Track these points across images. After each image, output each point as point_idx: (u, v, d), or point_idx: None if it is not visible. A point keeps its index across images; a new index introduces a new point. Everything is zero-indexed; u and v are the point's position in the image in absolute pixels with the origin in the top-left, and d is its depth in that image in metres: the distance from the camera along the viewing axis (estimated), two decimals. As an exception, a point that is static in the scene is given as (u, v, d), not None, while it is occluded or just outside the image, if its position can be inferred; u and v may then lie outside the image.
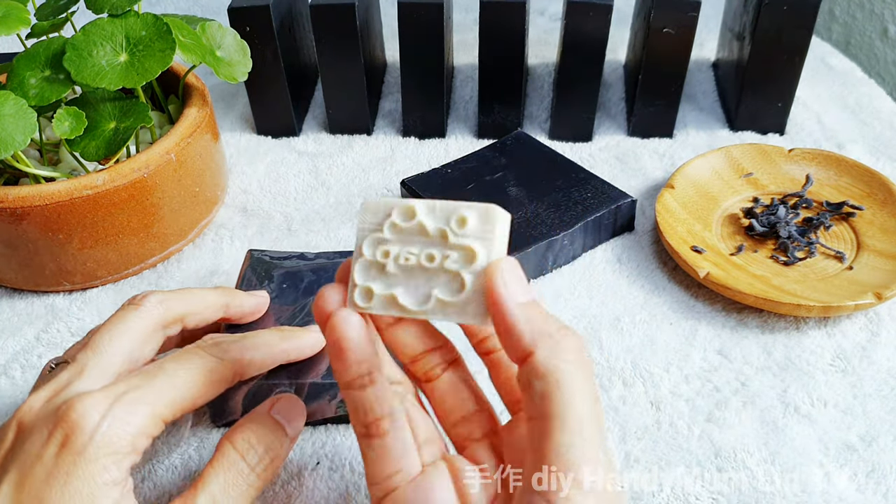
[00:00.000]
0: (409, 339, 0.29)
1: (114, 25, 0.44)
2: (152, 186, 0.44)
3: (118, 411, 0.28)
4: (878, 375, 0.40)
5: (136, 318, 0.33)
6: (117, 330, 0.32)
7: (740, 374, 0.41)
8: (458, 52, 0.68)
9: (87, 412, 0.28)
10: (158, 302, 0.34)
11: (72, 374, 0.30)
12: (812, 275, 0.45)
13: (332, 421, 0.38)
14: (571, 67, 0.55)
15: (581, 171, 0.51)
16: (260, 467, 0.31)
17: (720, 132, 0.60)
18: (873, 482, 0.35)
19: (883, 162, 0.57)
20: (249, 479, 0.31)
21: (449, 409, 0.30)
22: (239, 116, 0.63)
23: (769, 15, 0.53)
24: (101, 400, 0.29)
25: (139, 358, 0.33)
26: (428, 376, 0.30)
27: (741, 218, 0.50)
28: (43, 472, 0.27)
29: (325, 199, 0.54)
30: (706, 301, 0.45)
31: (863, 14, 1.07)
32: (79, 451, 0.28)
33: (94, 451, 0.28)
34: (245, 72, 0.49)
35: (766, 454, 0.37)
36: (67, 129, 0.42)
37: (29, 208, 0.41)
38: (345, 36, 0.55)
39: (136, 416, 0.29)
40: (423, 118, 0.59)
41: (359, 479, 0.36)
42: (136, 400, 0.29)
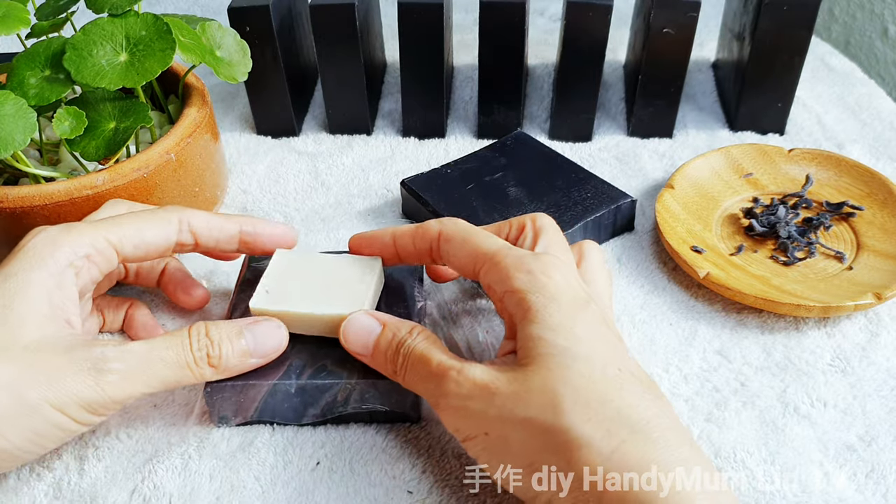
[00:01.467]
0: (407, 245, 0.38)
1: (114, 25, 0.44)
2: (152, 186, 0.44)
3: (58, 228, 0.35)
4: (878, 376, 0.41)
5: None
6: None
7: (740, 375, 0.41)
8: (458, 52, 0.68)
9: (39, 229, 0.36)
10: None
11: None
12: (812, 275, 0.45)
13: (332, 421, 0.38)
14: (571, 67, 0.55)
15: (581, 171, 0.51)
16: (199, 353, 0.34)
17: (720, 132, 0.60)
18: (873, 482, 0.35)
19: (883, 162, 0.57)
20: (187, 357, 0.34)
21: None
22: (239, 116, 0.63)
23: (769, 15, 0.53)
24: (53, 227, 0.36)
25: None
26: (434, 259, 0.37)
27: (741, 218, 0.50)
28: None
29: (325, 199, 0.54)
30: (706, 301, 0.45)
31: (863, 14, 1.07)
32: (18, 250, 0.35)
33: (30, 247, 0.34)
34: (245, 72, 0.49)
35: (765, 454, 0.37)
36: (67, 129, 0.42)
37: (29, 208, 0.41)
38: (345, 36, 0.55)
39: (76, 228, 0.35)
40: (423, 118, 0.59)
41: (358, 479, 0.36)
42: (80, 224, 0.36)
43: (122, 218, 0.37)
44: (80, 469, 0.36)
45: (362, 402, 0.37)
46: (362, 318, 0.36)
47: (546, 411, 0.29)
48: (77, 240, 0.35)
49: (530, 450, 0.30)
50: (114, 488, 0.36)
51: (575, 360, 0.30)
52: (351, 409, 0.37)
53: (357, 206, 0.54)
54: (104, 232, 0.36)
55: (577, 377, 0.30)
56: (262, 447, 0.37)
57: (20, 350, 0.32)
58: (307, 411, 0.37)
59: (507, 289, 0.33)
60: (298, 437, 0.38)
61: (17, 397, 0.31)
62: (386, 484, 0.35)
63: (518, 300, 0.32)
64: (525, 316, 0.32)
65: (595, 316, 0.32)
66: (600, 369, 0.30)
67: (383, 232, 0.39)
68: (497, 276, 0.33)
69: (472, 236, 0.35)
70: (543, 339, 0.31)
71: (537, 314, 0.31)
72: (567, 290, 0.32)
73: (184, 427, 0.38)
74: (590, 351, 0.30)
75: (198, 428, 0.38)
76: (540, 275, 0.32)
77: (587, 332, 0.31)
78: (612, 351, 0.31)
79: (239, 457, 0.37)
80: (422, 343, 0.34)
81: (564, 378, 0.30)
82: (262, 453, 0.37)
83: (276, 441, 0.37)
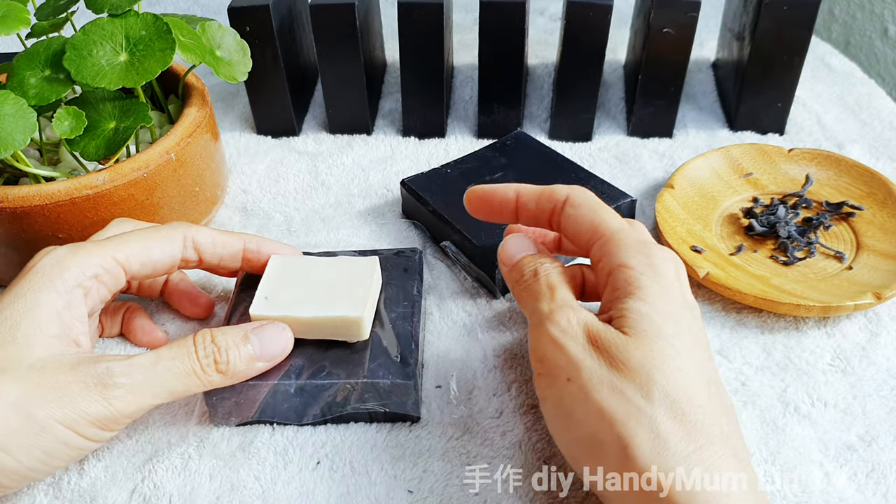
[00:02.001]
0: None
1: (114, 25, 0.44)
2: (152, 186, 0.44)
3: (68, 249, 0.36)
4: (878, 375, 0.41)
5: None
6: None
7: (740, 374, 0.41)
8: (458, 52, 0.68)
9: (46, 251, 0.36)
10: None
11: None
12: (812, 275, 0.45)
13: (332, 421, 0.38)
14: (571, 67, 0.55)
15: (581, 171, 0.51)
16: (206, 361, 0.34)
17: (720, 132, 0.60)
18: (873, 482, 0.35)
19: (883, 162, 0.57)
20: (193, 365, 0.34)
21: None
22: (239, 116, 0.63)
23: (769, 15, 0.53)
24: (60, 247, 0.36)
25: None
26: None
27: (741, 218, 0.50)
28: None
29: (325, 198, 0.54)
30: (706, 301, 0.45)
31: (863, 14, 1.07)
32: (27, 271, 0.35)
33: (39, 268, 0.35)
34: (245, 72, 0.49)
35: (765, 454, 0.37)
36: (67, 129, 0.42)
37: (29, 208, 0.41)
38: (345, 36, 0.55)
39: (84, 248, 0.36)
40: (423, 118, 0.59)
41: (359, 478, 0.36)
42: (88, 244, 0.37)
43: (129, 236, 0.38)
44: (80, 469, 0.36)
45: (362, 402, 0.36)
46: (524, 238, 0.37)
47: (638, 391, 0.29)
48: (85, 260, 0.35)
49: (590, 424, 0.30)
50: (114, 488, 0.36)
51: (674, 350, 0.30)
52: (351, 409, 0.37)
53: (357, 206, 0.54)
54: (111, 251, 0.36)
55: (673, 369, 0.30)
56: (262, 447, 0.37)
57: (27, 369, 0.32)
58: (307, 411, 0.37)
59: (621, 263, 0.33)
60: (298, 437, 0.38)
61: (25, 416, 0.31)
62: (386, 483, 0.35)
63: (630, 276, 0.32)
64: (635, 293, 0.32)
65: (696, 322, 0.32)
66: (692, 371, 0.30)
67: (506, 187, 0.38)
68: (615, 250, 0.33)
69: (599, 208, 0.36)
70: (650, 319, 0.31)
71: (648, 294, 0.32)
72: (677, 288, 0.33)
73: (184, 427, 0.38)
74: (690, 350, 0.31)
75: (198, 428, 0.38)
76: (659, 263, 0.33)
77: (691, 329, 0.32)
78: (707, 360, 0.32)
79: (239, 456, 0.37)
80: (556, 274, 0.35)
81: (662, 366, 0.30)
82: (262, 453, 0.37)
83: (276, 441, 0.37)
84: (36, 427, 0.31)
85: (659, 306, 0.31)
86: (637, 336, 0.31)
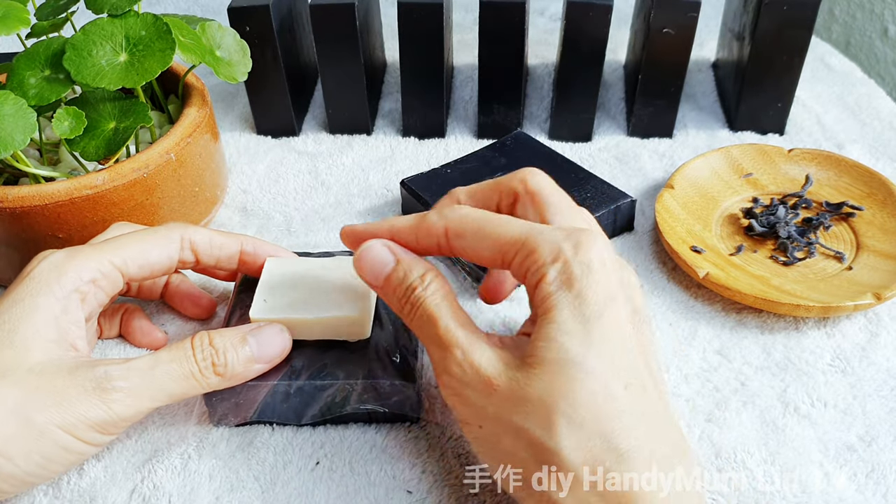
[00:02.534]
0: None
1: (113, 25, 0.44)
2: (152, 186, 0.44)
3: (64, 253, 0.36)
4: (878, 376, 0.40)
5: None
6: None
7: (740, 375, 0.41)
8: (458, 52, 0.68)
9: (43, 255, 0.36)
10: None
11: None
12: (811, 275, 0.45)
13: (331, 421, 0.38)
14: (571, 67, 0.55)
15: (581, 171, 0.51)
16: (204, 363, 0.34)
17: (720, 132, 0.60)
18: (873, 482, 0.35)
19: (883, 162, 0.57)
20: (192, 367, 0.34)
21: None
22: (239, 116, 0.63)
23: (769, 15, 0.53)
24: (58, 251, 0.36)
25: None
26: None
27: (741, 218, 0.50)
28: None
29: (325, 198, 0.54)
30: (705, 301, 0.45)
31: (863, 14, 1.07)
32: (24, 276, 0.35)
33: (37, 273, 0.35)
34: (245, 72, 0.49)
35: (765, 454, 0.37)
36: (67, 129, 0.42)
37: (29, 208, 0.41)
38: (345, 36, 0.55)
39: (81, 252, 0.36)
40: (423, 118, 0.59)
41: (358, 479, 0.36)
42: (85, 247, 0.36)
43: (125, 239, 0.37)
44: (80, 469, 0.36)
45: (361, 402, 0.36)
46: (377, 248, 0.34)
47: (540, 427, 0.28)
48: (82, 265, 0.35)
49: (520, 456, 0.29)
50: (113, 488, 0.36)
51: (581, 372, 0.29)
52: (350, 410, 0.37)
53: (357, 206, 0.54)
54: (108, 255, 0.36)
55: (578, 393, 0.28)
56: (261, 447, 0.37)
57: (25, 373, 0.32)
58: (306, 412, 0.37)
59: (538, 280, 0.30)
60: (298, 437, 0.38)
61: (24, 421, 0.31)
62: (386, 484, 0.35)
63: (543, 296, 0.30)
64: (546, 314, 0.30)
65: (620, 313, 0.30)
66: (604, 386, 0.29)
67: (378, 226, 0.35)
68: (531, 265, 0.31)
69: (486, 226, 0.32)
70: (556, 343, 0.29)
71: (559, 314, 0.30)
72: (600, 279, 0.30)
73: (183, 427, 0.38)
74: (600, 362, 0.29)
75: (197, 428, 0.38)
76: (574, 264, 0.30)
77: (605, 335, 0.29)
78: (626, 360, 0.30)
79: (238, 457, 0.37)
80: (433, 297, 0.32)
81: (565, 392, 0.28)
82: (262, 453, 0.37)
83: (276, 441, 0.37)
84: (35, 431, 0.31)
85: (569, 325, 0.29)
86: (540, 366, 0.29)
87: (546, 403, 0.28)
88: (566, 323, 0.29)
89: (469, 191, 0.37)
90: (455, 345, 0.31)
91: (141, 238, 0.38)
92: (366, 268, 0.34)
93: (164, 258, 0.38)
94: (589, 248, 0.30)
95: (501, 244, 0.32)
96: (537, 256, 0.31)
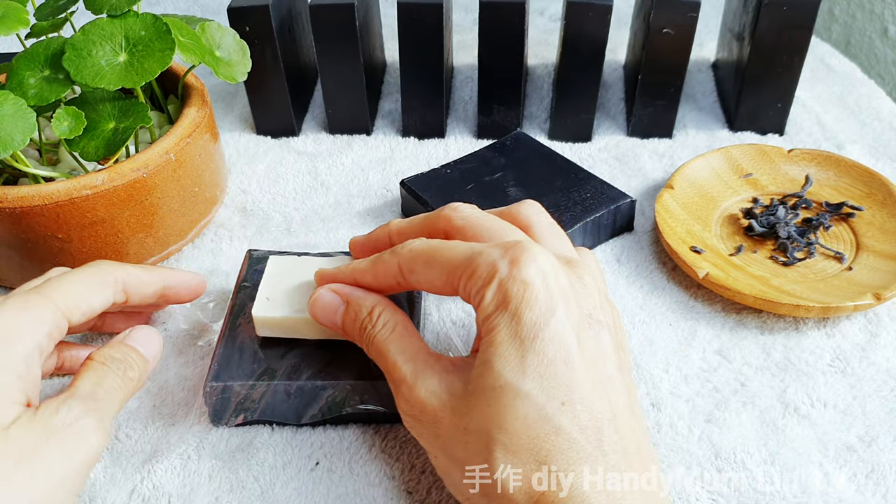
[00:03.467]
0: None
1: (113, 25, 0.44)
2: (152, 186, 0.44)
3: (15, 306, 0.33)
4: (878, 376, 0.40)
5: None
6: None
7: (740, 375, 0.41)
8: (458, 52, 0.68)
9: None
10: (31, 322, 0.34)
11: None
12: (811, 275, 0.45)
13: (330, 422, 0.38)
14: (571, 67, 0.55)
15: (580, 172, 0.51)
16: (119, 371, 0.34)
17: (720, 132, 0.60)
18: (872, 483, 0.35)
19: (883, 162, 0.56)
20: (115, 378, 0.34)
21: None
22: (238, 116, 0.63)
23: (769, 15, 0.53)
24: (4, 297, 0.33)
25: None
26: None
27: (740, 218, 0.50)
28: None
29: (325, 199, 0.54)
30: (705, 301, 0.45)
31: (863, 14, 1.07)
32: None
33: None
34: (245, 72, 0.49)
35: (765, 455, 0.37)
36: (67, 129, 0.42)
37: (28, 208, 0.41)
38: (344, 36, 0.55)
39: (33, 305, 0.33)
40: (423, 118, 0.59)
41: (358, 479, 0.36)
42: (32, 298, 0.34)
43: (66, 284, 0.35)
44: (80, 469, 0.36)
45: (361, 402, 0.36)
46: (326, 296, 0.35)
47: (481, 459, 0.29)
48: (39, 318, 0.33)
49: (470, 491, 0.29)
50: (113, 488, 0.36)
51: (515, 398, 0.28)
52: (350, 410, 0.37)
53: (357, 206, 0.54)
54: (60, 304, 0.34)
55: (513, 420, 0.28)
56: (261, 447, 0.37)
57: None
58: (306, 412, 0.37)
59: (478, 302, 0.30)
60: (297, 438, 0.38)
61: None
62: (385, 484, 0.35)
63: (483, 318, 0.30)
64: (486, 336, 0.30)
65: (561, 326, 0.29)
66: (539, 408, 0.28)
67: (343, 271, 0.36)
68: (472, 288, 0.30)
69: (434, 254, 0.32)
70: (493, 369, 0.29)
71: (496, 336, 0.29)
72: (537, 295, 0.29)
73: (183, 427, 0.38)
74: (534, 384, 0.28)
75: (197, 428, 0.38)
76: (509, 282, 0.29)
77: (542, 355, 0.29)
78: (566, 376, 0.29)
79: (238, 457, 0.37)
80: (381, 332, 0.33)
81: (500, 421, 0.28)
82: (262, 453, 0.37)
83: (276, 441, 0.37)
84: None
85: (505, 348, 0.29)
86: (477, 395, 0.29)
87: (484, 434, 0.28)
88: (502, 346, 0.29)
89: (399, 227, 0.37)
90: (402, 381, 0.31)
91: (79, 281, 0.36)
92: (320, 316, 0.35)
93: (103, 303, 0.36)
94: (525, 264, 0.30)
95: (448, 271, 0.31)
96: (476, 278, 0.30)
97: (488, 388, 0.29)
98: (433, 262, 0.32)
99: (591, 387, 0.29)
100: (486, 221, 0.34)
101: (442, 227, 0.35)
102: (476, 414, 0.29)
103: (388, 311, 0.34)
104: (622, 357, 0.32)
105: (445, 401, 0.30)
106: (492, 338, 0.29)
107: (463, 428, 0.29)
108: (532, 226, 0.35)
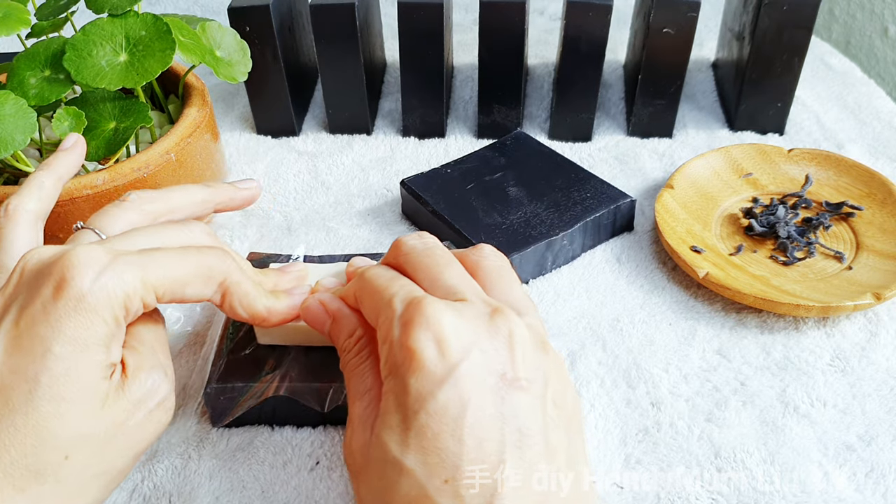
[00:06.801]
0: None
1: (114, 25, 0.44)
2: (152, 186, 0.44)
3: (116, 267, 0.29)
4: (877, 375, 0.41)
5: (128, 213, 0.37)
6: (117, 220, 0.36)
7: (739, 374, 0.41)
8: (458, 52, 0.68)
9: (87, 262, 0.28)
10: (147, 201, 0.38)
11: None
12: (811, 275, 0.45)
13: (330, 422, 0.38)
14: (571, 67, 0.55)
15: (580, 171, 0.51)
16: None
17: (720, 132, 0.60)
18: (872, 482, 0.35)
19: (882, 162, 0.57)
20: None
21: None
22: (239, 116, 0.63)
23: (769, 15, 0.53)
24: (102, 254, 0.29)
25: None
26: None
27: (740, 218, 0.50)
28: (41, 311, 0.28)
29: (325, 198, 0.54)
30: (705, 301, 0.45)
31: (863, 14, 1.07)
32: (75, 297, 0.28)
33: (91, 301, 0.28)
34: (245, 72, 0.49)
35: (765, 454, 0.37)
36: (67, 129, 0.42)
37: (29, 208, 0.41)
38: (345, 36, 0.55)
39: (130, 276, 0.29)
40: (423, 118, 0.59)
41: (358, 478, 0.36)
42: (133, 262, 0.29)
43: (166, 260, 0.31)
44: (80, 469, 0.36)
45: (362, 401, 0.37)
46: (314, 308, 0.34)
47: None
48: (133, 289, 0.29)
49: None
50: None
51: (398, 473, 0.27)
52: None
53: (357, 206, 0.54)
54: (160, 292, 0.30)
55: (398, 497, 0.27)
56: (261, 447, 0.37)
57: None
58: (306, 412, 0.37)
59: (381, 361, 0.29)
60: (297, 437, 0.38)
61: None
62: (385, 484, 0.35)
63: (382, 380, 0.29)
64: (381, 403, 0.29)
65: (448, 397, 0.27)
66: (419, 487, 0.26)
67: (333, 290, 0.35)
68: (379, 343, 0.29)
69: (366, 289, 0.31)
70: (380, 441, 0.27)
71: (385, 404, 0.28)
72: (427, 362, 0.27)
73: (183, 427, 0.38)
74: (416, 460, 0.26)
75: (197, 428, 0.38)
76: (397, 349, 0.28)
77: (425, 429, 0.27)
78: (449, 451, 0.27)
79: (238, 456, 0.37)
80: (350, 363, 0.32)
81: (388, 498, 0.27)
82: (262, 453, 0.37)
83: (276, 441, 0.37)
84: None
85: (391, 418, 0.27)
86: (370, 466, 0.28)
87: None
88: (389, 416, 0.28)
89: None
90: (347, 426, 0.30)
91: (181, 266, 0.31)
92: (309, 323, 0.34)
93: (194, 297, 0.32)
94: (416, 328, 0.28)
95: (373, 320, 0.31)
96: (378, 334, 0.30)
97: (376, 461, 0.28)
98: (364, 299, 0.32)
99: (486, 459, 0.27)
100: (423, 258, 0.32)
101: (393, 260, 0.34)
102: (369, 488, 0.28)
103: (361, 342, 0.32)
104: (557, 413, 0.28)
105: (360, 464, 0.29)
106: (383, 405, 0.28)
107: (360, 497, 0.28)
108: (479, 269, 0.33)
